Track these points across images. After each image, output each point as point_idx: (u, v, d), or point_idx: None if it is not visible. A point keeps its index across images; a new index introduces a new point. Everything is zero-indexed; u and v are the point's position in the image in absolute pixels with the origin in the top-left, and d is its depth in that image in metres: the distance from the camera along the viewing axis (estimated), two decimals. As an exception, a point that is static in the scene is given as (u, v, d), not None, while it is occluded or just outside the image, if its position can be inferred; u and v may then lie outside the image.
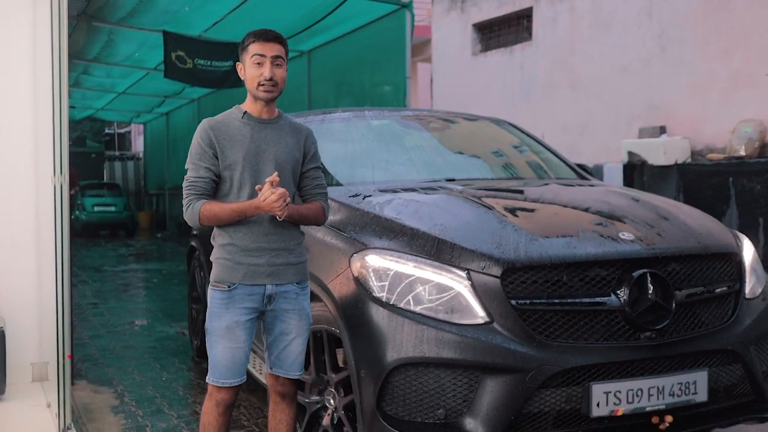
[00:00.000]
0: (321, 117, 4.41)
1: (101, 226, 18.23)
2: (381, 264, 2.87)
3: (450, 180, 3.85)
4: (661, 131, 8.33)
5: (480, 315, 2.71)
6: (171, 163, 18.06)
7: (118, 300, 8.36)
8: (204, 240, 4.36)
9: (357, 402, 2.82)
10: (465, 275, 2.76)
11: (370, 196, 3.45)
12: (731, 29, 7.65)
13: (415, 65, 15.27)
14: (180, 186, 2.84)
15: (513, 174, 4.38)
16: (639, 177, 8.05)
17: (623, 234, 2.95)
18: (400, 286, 2.80)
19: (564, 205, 3.46)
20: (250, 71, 2.74)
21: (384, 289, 2.81)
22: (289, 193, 2.67)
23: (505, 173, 4.40)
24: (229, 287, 2.71)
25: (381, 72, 9.10)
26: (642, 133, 8.49)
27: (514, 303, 2.71)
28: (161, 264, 12.15)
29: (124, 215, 18.24)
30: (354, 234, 3.10)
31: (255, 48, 2.72)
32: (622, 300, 2.76)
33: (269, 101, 2.77)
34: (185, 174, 2.75)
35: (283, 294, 2.76)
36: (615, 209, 3.30)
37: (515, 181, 4.14)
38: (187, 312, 5.69)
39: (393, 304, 2.78)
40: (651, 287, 2.79)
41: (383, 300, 2.80)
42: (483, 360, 2.64)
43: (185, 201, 2.71)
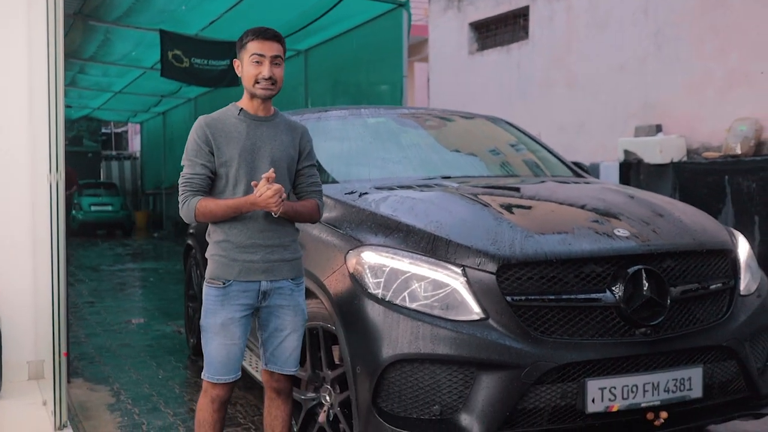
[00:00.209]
0: (317, 115, 4.41)
1: (98, 225, 18.19)
2: (377, 261, 2.88)
3: (446, 177, 3.85)
4: (657, 130, 8.34)
5: (475, 311, 2.71)
6: (168, 163, 18.01)
7: (114, 299, 8.35)
8: (200, 238, 4.36)
9: (353, 398, 2.82)
10: (460, 272, 2.76)
11: (366, 193, 3.46)
12: (727, 27, 7.66)
13: (412, 65, 15.30)
14: (177, 185, 2.84)
15: (509, 172, 4.38)
16: (635, 175, 8.06)
17: (618, 231, 2.96)
18: (395, 282, 2.80)
19: (560, 203, 3.47)
20: (248, 69, 2.74)
21: (380, 286, 2.82)
22: (285, 190, 2.67)
23: (502, 171, 4.40)
24: (224, 284, 2.71)
25: (378, 71, 9.09)
26: (638, 132, 8.51)
27: (509, 299, 2.71)
28: (158, 263, 12.14)
29: (120, 215, 18.21)
30: (350, 231, 3.10)
31: (254, 47, 2.72)
32: (617, 296, 2.77)
33: (266, 99, 2.77)
34: (181, 171, 2.76)
35: (278, 290, 2.77)
36: (610, 206, 3.30)
37: (511, 179, 4.14)
38: (184, 310, 5.69)
39: (389, 300, 2.79)
40: (646, 284, 2.80)
41: (379, 296, 2.81)
42: (478, 356, 2.65)
43: (181, 197, 2.72)
